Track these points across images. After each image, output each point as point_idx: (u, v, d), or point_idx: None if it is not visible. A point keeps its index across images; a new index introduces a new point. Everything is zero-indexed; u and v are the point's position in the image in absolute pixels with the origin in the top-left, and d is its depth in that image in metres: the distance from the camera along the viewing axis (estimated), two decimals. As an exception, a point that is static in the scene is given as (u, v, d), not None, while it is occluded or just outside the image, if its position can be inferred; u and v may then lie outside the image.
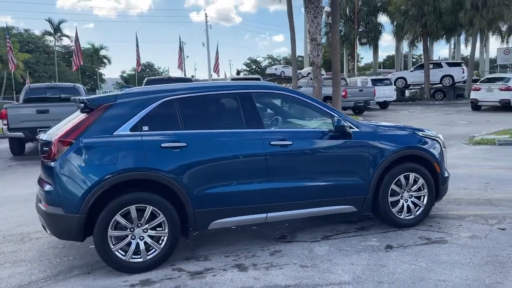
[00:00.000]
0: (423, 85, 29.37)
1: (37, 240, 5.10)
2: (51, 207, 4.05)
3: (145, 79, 17.15)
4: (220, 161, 4.35)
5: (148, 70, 73.58)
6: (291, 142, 4.56)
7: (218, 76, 44.42)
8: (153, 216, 4.13)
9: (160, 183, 4.14)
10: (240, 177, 4.42)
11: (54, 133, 4.29)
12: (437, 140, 5.27)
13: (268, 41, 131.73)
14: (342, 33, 31.26)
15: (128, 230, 4.10)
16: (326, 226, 5.17)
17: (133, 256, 4.10)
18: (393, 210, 4.97)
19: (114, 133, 4.13)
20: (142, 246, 4.13)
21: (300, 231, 5.09)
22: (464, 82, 28.90)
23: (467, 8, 25.97)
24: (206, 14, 75.65)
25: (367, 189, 4.83)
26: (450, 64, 29.82)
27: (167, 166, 4.15)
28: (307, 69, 41.59)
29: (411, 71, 30.83)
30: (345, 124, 4.70)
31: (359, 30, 32.88)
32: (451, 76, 28.75)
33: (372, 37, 33.63)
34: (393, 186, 4.95)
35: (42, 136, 4.42)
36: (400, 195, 5.01)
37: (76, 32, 34.82)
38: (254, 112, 4.59)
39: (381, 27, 33.95)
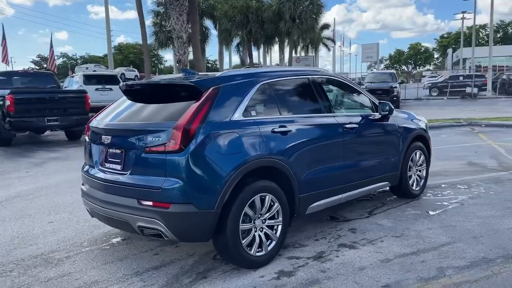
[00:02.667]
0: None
1: (119, 246, 4.20)
2: (178, 205, 3.42)
3: None
4: (314, 145, 4.36)
5: None
6: (357, 125, 4.87)
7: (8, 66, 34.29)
8: (270, 205, 3.90)
9: (278, 170, 3.94)
10: (328, 160, 4.52)
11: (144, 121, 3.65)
12: (425, 123, 6.28)
13: (48, 37, 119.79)
14: (169, 34, 31.35)
15: (252, 222, 3.78)
16: (349, 207, 5.58)
17: (257, 250, 3.81)
18: (409, 183, 5.76)
19: (231, 119, 3.73)
20: (263, 237, 3.86)
21: (339, 212, 5.39)
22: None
23: (286, 19, 29.35)
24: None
25: (398, 166, 5.49)
26: (271, 69, 33.09)
27: (281, 151, 3.98)
28: (120, 69, 40.20)
29: (237, 74, 32.93)
30: (391, 108, 5.26)
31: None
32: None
33: (200, 40, 34.49)
34: (410, 163, 5.74)
35: (108, 125, 3.74)
36: (411, 170, 5.82)
37: None
38: (326, 96, 4.74)
39: (208, 31, 35.30)
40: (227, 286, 3.52)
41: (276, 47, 40.26)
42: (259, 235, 3.83)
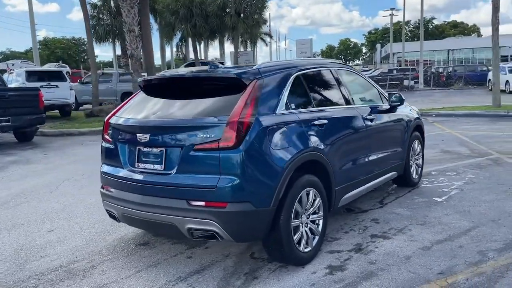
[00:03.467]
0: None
1: (143, 251, 3.83)
2: (235, 204, 3.22)
3: None
4: (345, 137, 4.33)
5: None
6: (374, 116, 4.90)
7: None
8: (313, 200, 3.82)
9: (319, 163, 3.86)
10: (355, 151, 4.52)
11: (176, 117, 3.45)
12: (418, 112, 6.47)
13: None
14: (108, 27, 29.92)
15: (300, 218, 3.68)
16: (358, 199, 5.61)
17: (305, 246, 3.72)
18: (411, 171, 5.92)
19: (277, 112, 3.59)
20: (308, 233, 3.78)
21: (352, 204, 5.40)
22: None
23: (231, 14, 29.10)
24: None
25: (404, 155, 5.62)
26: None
27: (321, 144, 3.90)
28: (49, 65, 37.88)
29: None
30: (402, 99, 5.36)
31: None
32: (218, 74, 31.53)
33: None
34: (411, 152, 5.90)
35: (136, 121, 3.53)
36: (412, 159, 5.99)
37: None
38: (347, 87, 4.72)
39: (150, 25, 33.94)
40: (284, 285, 3.40)
41: (216, 42, 40.07)
42: (305, 231, 3.74)
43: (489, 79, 26.61)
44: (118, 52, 36.96)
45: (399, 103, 5.37)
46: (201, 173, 3.31)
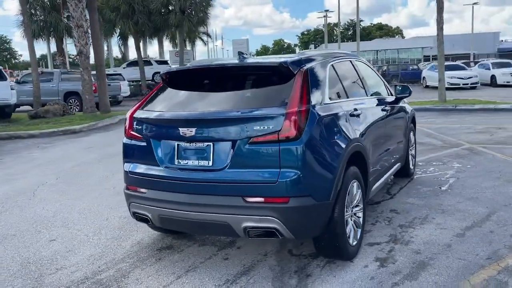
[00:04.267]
0: (139, 82, 30.15)
1: (172, 255, 3.48)
2: (297, 199, 3.04)
3: None
4: (373, 127, 4.28)
5: None
6: (389, 108, 4.92)
7: None
8: (357, 192, 3.73)
9: (361, 154, 3.77)
10: (379, 142, 4.50)
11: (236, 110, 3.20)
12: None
13: None
14: (42, 24, 28.01)
15: (348, 211, 3.57)
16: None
17: (353, 239, 3.62)
18: (409, 162, 6.04)
19: (325, 102, 3.45)
20: (354, 226, 3.68)
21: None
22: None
23: (176, 11, 28.37)
24: None
25: (405, 146, 5.71)
26: (159, 62, 31.80)
27: (360, 135, 3.82)
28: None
29: (124, 67, 30.95)
30: (410, 91, 5.42)
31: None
32: (162, 73, 30.69)
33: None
34: (409, 143, 6.02)
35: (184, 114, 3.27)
36: (409, 150, 6.11)
37: None
38: (365, 79, 4.68)
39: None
40: (343, 281, 3.27)
41: (155, 41, 39.00)
42: (352, 224, 3.64)
43: (424, 77, 28.27)
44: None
45: (406, 95, 5.44)
46: (258, 167, 3.09)
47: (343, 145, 3.39)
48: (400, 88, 5.43)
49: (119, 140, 3.96)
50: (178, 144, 3.36)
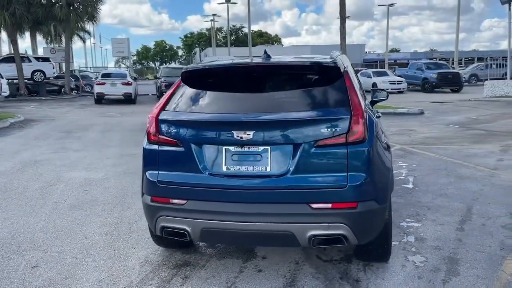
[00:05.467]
0: (16, 80, 26.87)
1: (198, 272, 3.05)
2: (364, 203, 2.94)
3: None
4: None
5: None
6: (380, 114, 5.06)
7: None
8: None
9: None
10: None
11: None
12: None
13: None
14: None
15: (386, 213, 3.58)
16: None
17: (388, 241, 3.64)
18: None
19: (366, 102, 3.41)
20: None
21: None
22: (55, 77, 28.99)
23: (62, 4, 25.96)
24: None
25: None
26: (39, 59, 28.72)
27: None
28: None
29: (-3, 64, 27.33)
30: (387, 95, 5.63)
31: None
32: (43, 71, 27.88)
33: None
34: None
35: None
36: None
37: None
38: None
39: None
40: (393, 284, 3.26)
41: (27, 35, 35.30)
42: (385, 225, 3.66)
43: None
44: None
45: (383, 99, 5.65)
46: (324, 171, 2.93)
47: (390, 146, 3.40)
48: (377, 92, 5.64)
49: (26, 146, 3.45)
50: (226, 149, 3.02)
